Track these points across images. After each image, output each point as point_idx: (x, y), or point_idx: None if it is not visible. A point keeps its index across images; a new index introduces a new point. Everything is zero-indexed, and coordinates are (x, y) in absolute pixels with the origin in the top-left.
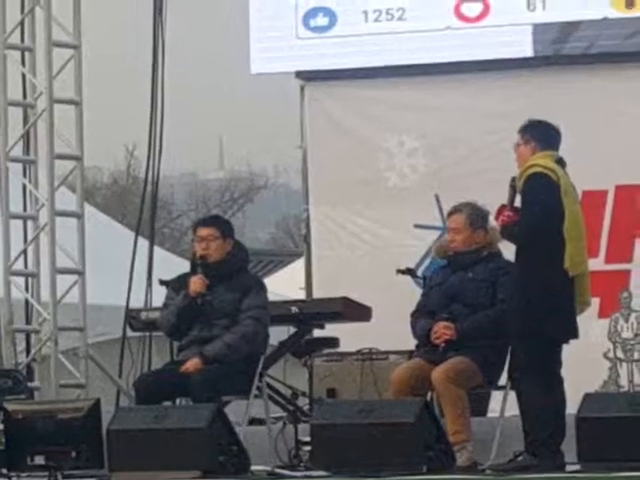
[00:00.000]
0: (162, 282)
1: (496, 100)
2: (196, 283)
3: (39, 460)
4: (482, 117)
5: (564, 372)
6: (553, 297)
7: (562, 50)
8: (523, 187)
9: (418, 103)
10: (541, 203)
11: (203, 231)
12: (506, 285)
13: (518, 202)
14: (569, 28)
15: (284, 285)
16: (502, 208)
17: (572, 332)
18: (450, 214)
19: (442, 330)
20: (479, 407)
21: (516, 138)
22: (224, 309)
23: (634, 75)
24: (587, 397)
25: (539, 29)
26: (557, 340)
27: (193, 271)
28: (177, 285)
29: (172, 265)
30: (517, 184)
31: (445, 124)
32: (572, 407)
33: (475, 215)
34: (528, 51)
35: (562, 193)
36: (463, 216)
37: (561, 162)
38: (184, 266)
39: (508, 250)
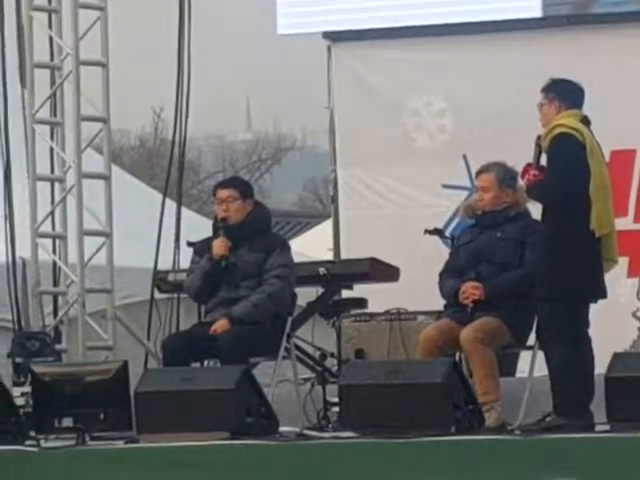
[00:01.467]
0: (189, 244)
1: (524, 60)
2: (219, 246)
3: (67, 422)
4: (510, 77)
5: (593, 332)
6: (580, 257)
7: (590, 9)
8: (549, 147)
9: (445, 63)
10: (567, 164)
11: (222, 193)
12: (534, 245)
13: (544, 161)
14: None
15: (312, 246)
16: (528, 167)
17: (600, 292)
18: (479, 173)
19: (470, 290)
20: (508, 367)
21: (539, 97)
22: (248, 270)
23: None
24: (616, 356)
25: None
26: (585, 300)
27: (215, 234)
28: (202, 249)
29: (199, 226)
30: (542, 143)
31: (473, 84)
32: (601, 367)
33: (504, 174)
34: (556, 10)
35: (588, 153)
36: (492, 175)
37: (586, 121)
38: (211, 227)
39: (537, 210)
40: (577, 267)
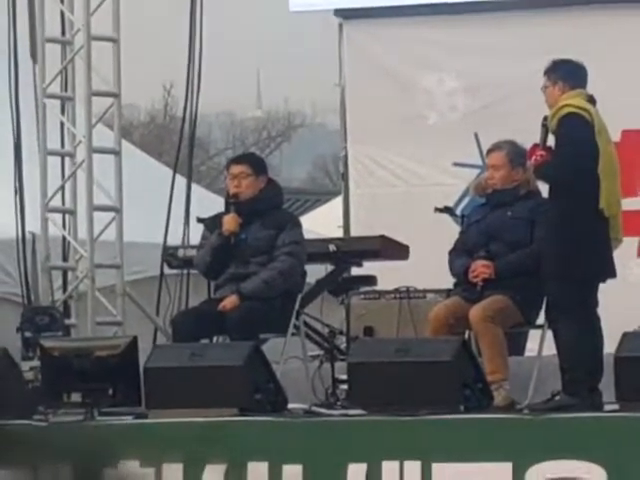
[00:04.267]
0: (199, 220)
1: (535, 39)
2: (229, 222)
3: (76, 397)
4: (523, 56)
5: (603, 311)
6: (588, 237)
7: None
8: (557, 127)
9: (457, 42)
10: (575, 143)
11: (235, 168)
12: (544, 224)
13: (550, 142)
14: None
15: (322, 223)
16: (535, 147)
17: (609, 271)
18: (489, 151)
19: (480, 268)
20: (517, 346)
21: (542, 80)
22: (259, 246)
23: None
24: (626, 336)
25: None
26: (594, 280)
27: (227, 210)
28: (212, 224)
29: (209, 203)
30: (549, 124)
31: (485, 63)
32: (611, 346)
33: (514, 153)
34: None
35: (596, 133)
36: (503, 153)
37: (592, 100)
38: (221, 204)
39: (546, 190)
40: (586, 247)
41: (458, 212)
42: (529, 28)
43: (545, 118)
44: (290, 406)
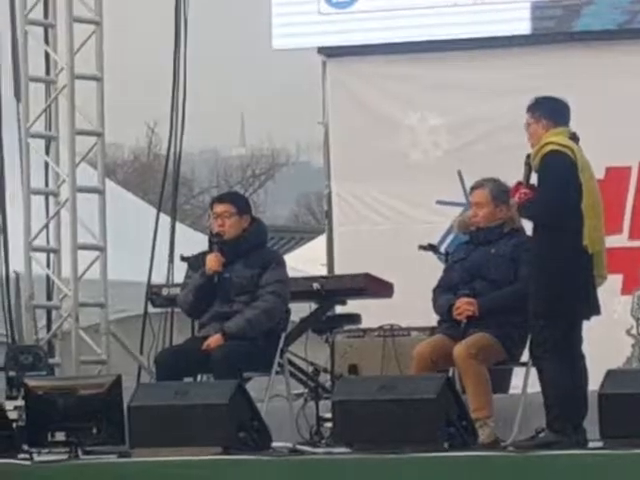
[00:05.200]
0: (183, 258)
1: (518, 77)
2: (212, 261)
3: (60, 436)
4: (505, 94)
5: (587, 349)
6: (572, 274)
7: (583, 26)
8: (539, 166)
9: (440, 80)
10: (559, 181)
11: (219, 207)
12: (528, 261)
13: (534, 179)
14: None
15: (305, 262)
16: (518, 185)
17: (593, 309)
18: (473, 189)
19: (464, 306)
20: (501, 383)
21: (525, 117)
22: (243, 285)
23: None
24: (610, 374)
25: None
26: (578, 317)
27: (211, 248)
28: (196, 263)
29: (193, 241)
30: (532, 162)
31: (467, 101)
32: (595, 384)
33: (498, 190)
34: (546, 27)
35: (579, 170)
36: (486, 191)
37: (574, 137)
38: (205, 242)
39: (529, 228)
40: (570, 284)
41: (442, 250)
42: (512, 65)
43: (528, 156)
44: (274, 444)
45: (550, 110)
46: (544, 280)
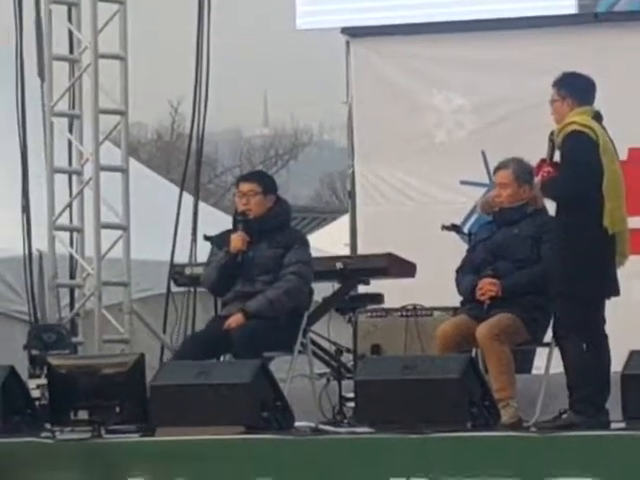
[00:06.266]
0: (206, 237)
1: (543, 56)
2: (236, 240)
3: (82, 415)
4: (529, 74)
5: (609, 330)
6: (593, 254)
7: (612, 7)
8: (562, 145)
9: (464, 60)
10: (580, 162)
11: (244, 186)
12: (551, 242)
13: (557, 157)
14: None
15: (328, 242)
16: (542, 163)
17: (613, 289)
18: (497, 169)
19: (487, 286)
20: (524, 364)
21: (551, 93)
22: (266, 265)
23: None
24: (633, 354)
25: None
26: (598, 297)
27: (235, 227)
28: (220, 241)
29: (216, 221)
30: (555, 139)
31: (492, 81)
32: (618, 365)
33: (521, 171)
34: (574, 8)
35: (601, 151)
36: (510, 171)
37: (598, 117)
38: (228, 222)
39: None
40: (590, 264)
41: (465, 230)
42: (536, 45)
43: (552, 133)
44: (297, 424)
45: (575, 89)
46: (565, 259)
